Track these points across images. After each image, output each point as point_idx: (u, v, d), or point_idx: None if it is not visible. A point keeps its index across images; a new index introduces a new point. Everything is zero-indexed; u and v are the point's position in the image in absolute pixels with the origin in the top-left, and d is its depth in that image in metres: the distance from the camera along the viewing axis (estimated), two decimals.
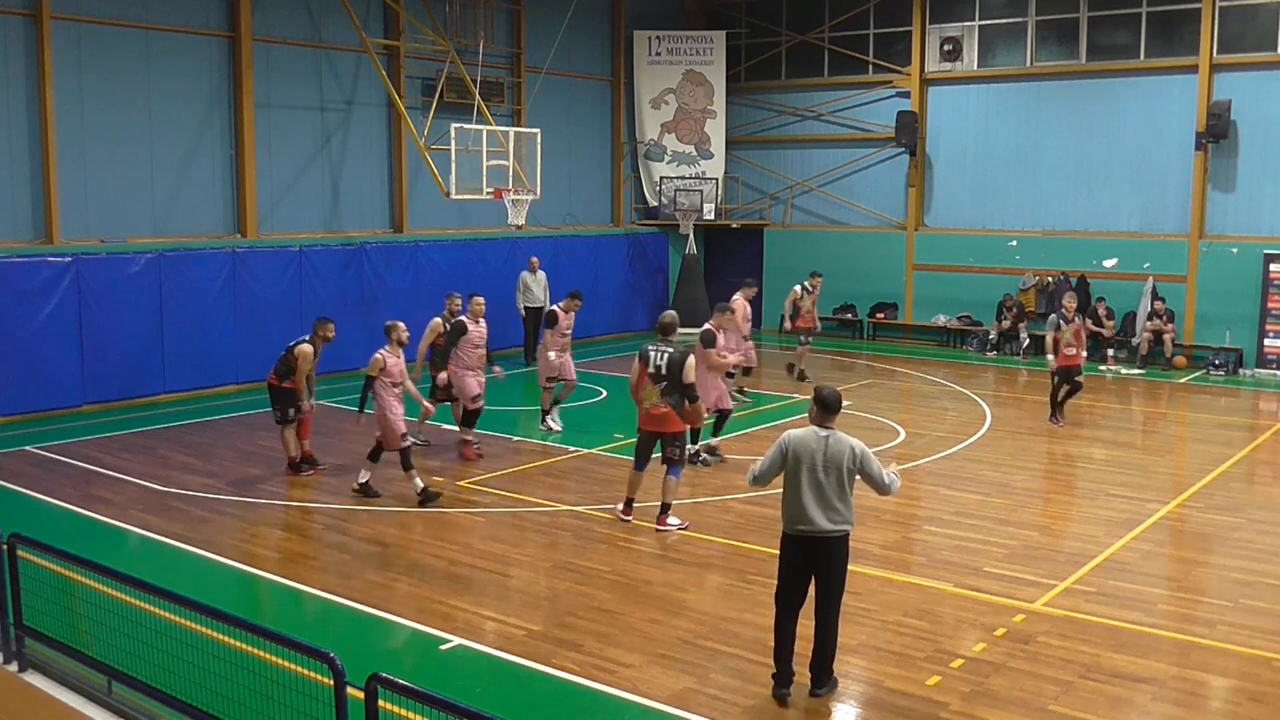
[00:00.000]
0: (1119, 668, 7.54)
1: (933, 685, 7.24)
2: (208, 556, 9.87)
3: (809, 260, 25.12)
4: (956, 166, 23.50)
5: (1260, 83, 19.97)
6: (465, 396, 13.20)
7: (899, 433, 14.70)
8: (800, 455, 7.04)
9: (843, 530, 7.03)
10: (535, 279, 20.19)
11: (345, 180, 20.08)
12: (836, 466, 6.97)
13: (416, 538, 10.61)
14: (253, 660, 6.12)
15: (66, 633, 7.39)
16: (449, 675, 7.55)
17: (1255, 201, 20.33)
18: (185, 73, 17.61)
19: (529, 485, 12.27)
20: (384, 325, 12.01)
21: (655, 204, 25.90)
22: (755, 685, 7.24)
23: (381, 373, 11.49)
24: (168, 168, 17.56)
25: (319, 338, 12.73)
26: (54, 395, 15.68)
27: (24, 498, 11.69)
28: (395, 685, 4.82)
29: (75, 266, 15.80)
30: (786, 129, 25.74)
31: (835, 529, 6.99)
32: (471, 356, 13.16)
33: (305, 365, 12.53)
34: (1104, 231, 21.84)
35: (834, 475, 6.97)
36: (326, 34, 19.43)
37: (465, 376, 13.17)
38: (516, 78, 22.69)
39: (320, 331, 12.76)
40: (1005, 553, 9.98)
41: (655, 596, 8.90)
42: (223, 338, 17.53)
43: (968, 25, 23.08)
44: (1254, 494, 12.44)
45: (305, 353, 12.51)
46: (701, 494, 11.64)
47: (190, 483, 12.30)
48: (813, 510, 6.96)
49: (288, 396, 12.59)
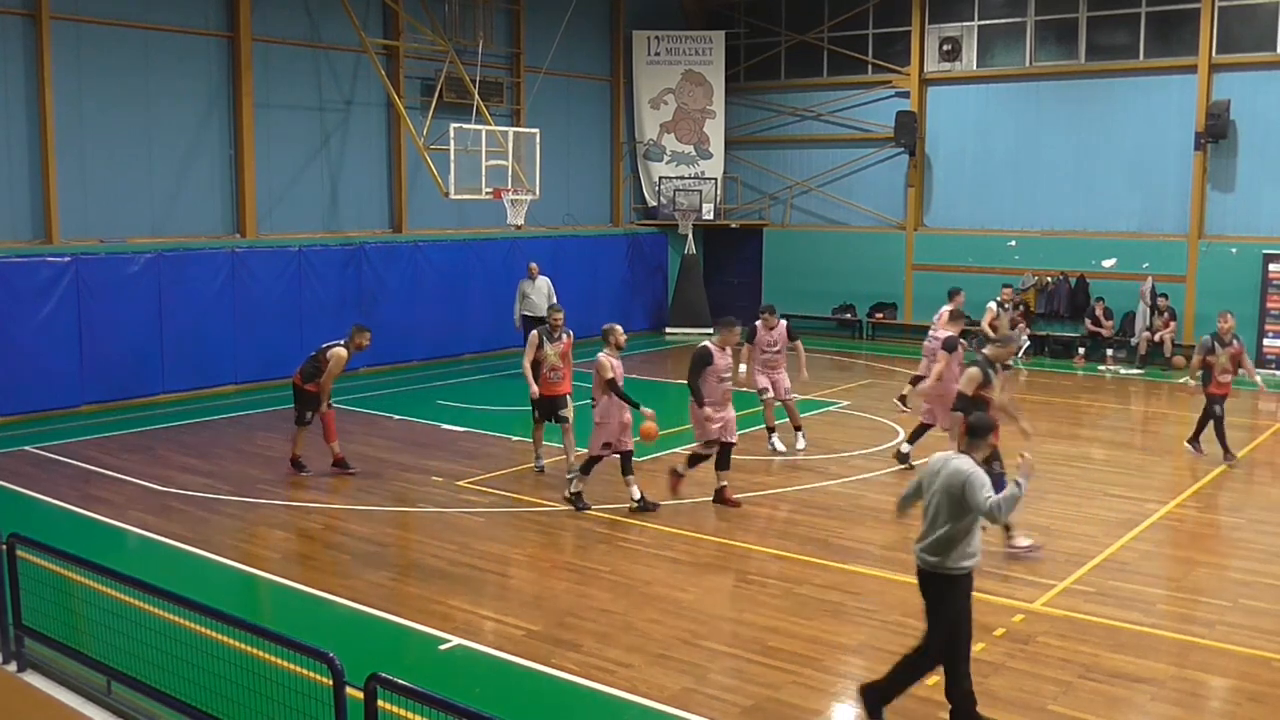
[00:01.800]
0: (1119, 668, 7.54)
1: (933, 685, 7.23)
2: (207, 556, 9.87)
3: (808, 260, 25.21)
4: (955, 166, 23.50)
5: (1259, 83, 19.98)
6: (706, 435, 11.25)
7: (898, 433, 14.69)
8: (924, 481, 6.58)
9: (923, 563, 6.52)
10: (535, 286, 18.78)
11: (344, 180, 20.07)
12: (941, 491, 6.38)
13: (416, 538, 10.61)
14: (252, 660, 6.11)
15: (66, 633, 7.38)
16: (448, 675, 7.56)
17: (1254, 201, 20.33)
18: (185, 73, 17.61)
19: (529, 485, 12.27)
20: (601, 329, 11.46)
21: (654, 204, 25.90)
22: (755, 685, 7.23)
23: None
24: (167, 168, 17.56)
25: (354, 344, 12.48)
26: (53, 395, 15.68)
27: (23, 498, 11.69)
28: (394, 685, 4.81)
29: (74, 266, 15.80)
30: (786, 129, 25.74)
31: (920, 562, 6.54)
32: (718, 390, 11.24)
33: (336, 370, 12.29)
34: (1103, 231, 21.85)
35: (934, 502, 6.44)
36: (326, 34, 19.43)
37: (709, 414, 11.21)
38: (516, 78, 22.69)
39: (356, 339, 12.52)
40: (1005, 553, 9.97)
41: (655, 596, 8.90)
42: (222, 338, 17.53)
43: (967, 25, 23.08)
44: (1254, 494, 12.45)
45: (339, 356, 12.27)
46: (700, 494, 11.63)
47: (190, 483, 12.29)
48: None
49: (311, 400, 12.39)
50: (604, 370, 11.06)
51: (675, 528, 10.69)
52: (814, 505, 11.49)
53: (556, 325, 12.45)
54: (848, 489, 12.13)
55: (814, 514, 11.17)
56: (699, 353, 11.27)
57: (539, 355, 12.30)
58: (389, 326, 19.83)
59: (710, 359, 11.17)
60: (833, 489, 12.14)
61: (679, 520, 10.90)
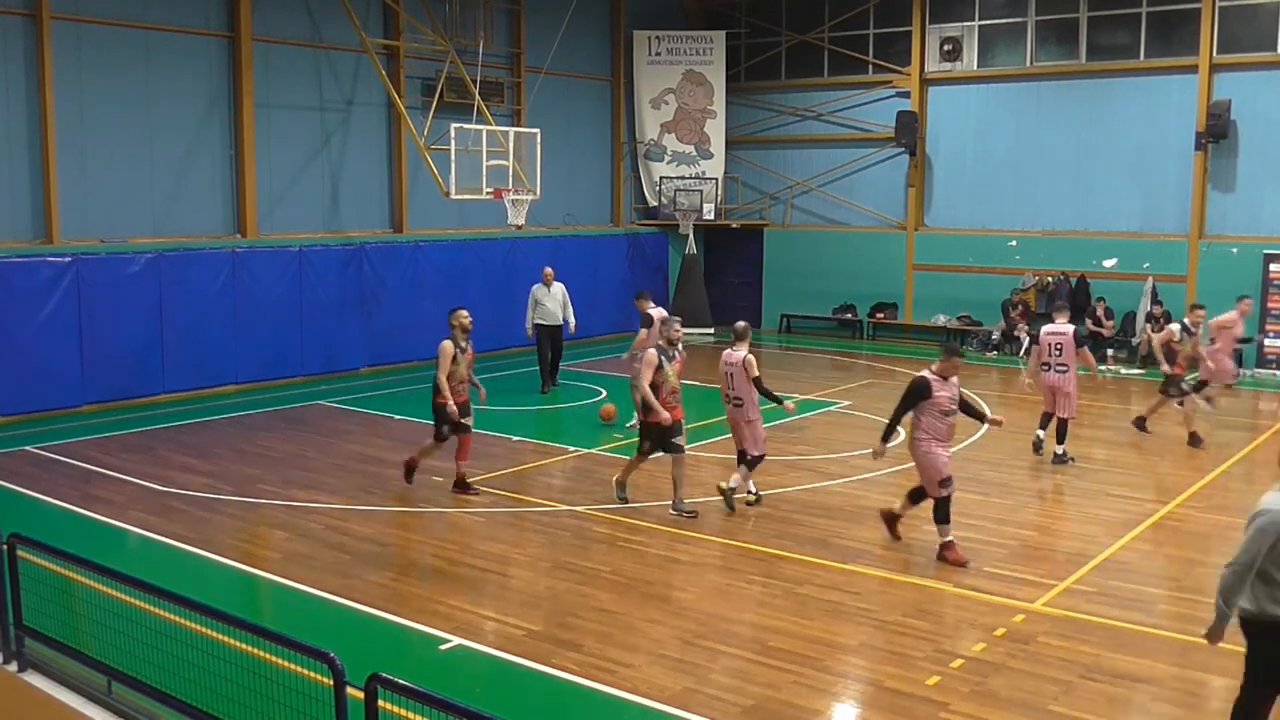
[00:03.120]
0: (1119, 668, 7.54)
1: (933, 685, 7.24)
2: (208, 556, 9.87)
3: (809, 260, 25.21)
4: (956, 166, 23.50)
5: (1260, 83, 19.97)
6: (934, 481, 9.76)
7: (899, 433, 14.67)
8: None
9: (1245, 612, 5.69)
10: (549, 293, 17.70)
11: (345, 180, 20.08)
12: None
13: (416, 538, 10.61)
14: (253, 660, 6.11)
15: (66, 633, 7.38)
16: (449, 675, 7.56)
17: (1255, 201, 20.33)
18: (185, 73, 17.61)
19: (529, 485, 12.27)
20: (736, 327, 11.06)
21: (655, 204, 25.90)
22: (755, 685, 7.24)
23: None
24: (167, 168, 17.57)
25: (456, 329, 11.55)
26: (54, 395, 15.68)
27: (24, 498, 11.69)
28: (395, 685, 4.81)
29: (75, 266, 15.80)
30: (786, 129, 25.73)
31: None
32: (941, 426, 9.76)
33: (444, 361, 11.39)
34: (1103, 231, 21.85)
35: None
36: (326, 34, 19.43)
37: (936, 453, 9.73)
38: (516, 78, 22.69)
39: (454, 322, 11.61)
40: (1005, 553, 9.98)
41: (655, 596, 8.90)
42: (222, 338, 17.53)
43: (967, 25, 23.08)
44: (1254, 494, 12.33)
45: (442, 348, 11.42)
46: (700, 494, 11.63)
47: (190, 483, 12.29)
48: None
49: (440, 413, 11.54)
50: (752, 368, 10.98)
51: (675, 528, 10.69)
52: (814, 505, 11.49)
53: (676, 341, 11.31)
54: (848, 489, 12.13)
55: (814, 514, 11.17)
56: (916, 384, 9.75)
57: (658, 377, 10.94)
58: (389, 326, 19.88)
59: (928, 391, 9.63)
60: (833, 489, 12.14)
61: (679, 520, 10.89)
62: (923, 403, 9.68)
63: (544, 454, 13.70)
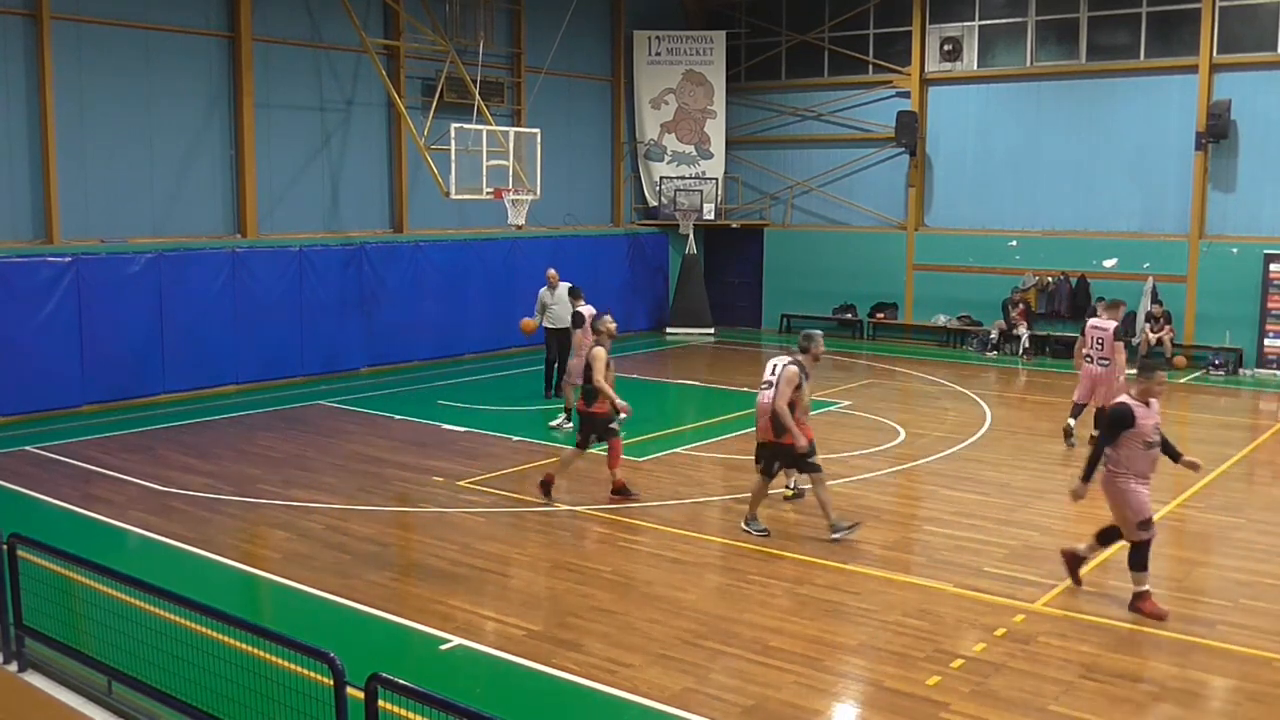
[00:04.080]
0: (1119, 668, 7.54)
1: (933, 685, 7.24)
2: (208, 556, 9.87)
3: (809, 260, 25.22)
4: (956, 166, 23.50)
5: (1260, 83, 19.98)
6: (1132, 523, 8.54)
7: (899, 433, 14.69)
8: None
9: None
10: (556, 296, 16.86)
11: (345, 180, 20.08)
12: None
13: (416, 538, 10.61)
14: (253, 660, 6.11)
15: (66, 633, 7.38)
16: (449, 675, 7.55)
17: (1255, 201, 20.33)
18: (185, 73, 17.61)
19: (529, 485, 12.26)
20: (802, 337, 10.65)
21: (655, 204, 25.91)
22: (755, 685, 7.24)
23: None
24: (168, 168, 17.57)
25: (604, 335, 11.58)
26: (54, 395, 15.68)
27: (24, 498, 11.69)
28: (395, 685, 4.82)
29: (75, 266, 15.80)
30: (786, 129, 25.74)
31: None
32: (1143, 460, 8.51)
33: (598, 367, 11.26)
34: (1104, 231, 21.85)
35: None
36: (326, 34, 19.43)
37: (1136, 490, 8.51)
38: (516, 78, 22.69)
39: (601, 328, 11.66)
40: (1005, 553, 9.98)
41: (655, 596, 8.90)
42: (222, 338, 17.53)
43: (967, 25, 23.08)
44: (1254, 494, 12.44)
45: (598, 354, 11.34)
46: (700, 494, 11.63)
47: (190, 483, 12.29)
48: None
49: (590, 423, 11.46)
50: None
51: (676, 528, 10.69)
52: (814, 505, 11.47)
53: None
54: (848, 489, 12.12)
55: (814, 514, 11.16)
56: (1119, 413, 8.50)
57: (796, 396, 10.22)
58: (389, 326, 19.89)
59: (1131, 419, 8.41)
60: (833, 489, 12.11)
61: (679, 520, 10.90)
62: (1124, 433, 8.46)
63: (544, 454, 13.69)
